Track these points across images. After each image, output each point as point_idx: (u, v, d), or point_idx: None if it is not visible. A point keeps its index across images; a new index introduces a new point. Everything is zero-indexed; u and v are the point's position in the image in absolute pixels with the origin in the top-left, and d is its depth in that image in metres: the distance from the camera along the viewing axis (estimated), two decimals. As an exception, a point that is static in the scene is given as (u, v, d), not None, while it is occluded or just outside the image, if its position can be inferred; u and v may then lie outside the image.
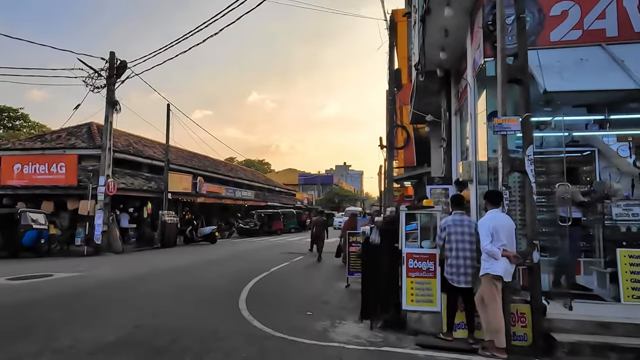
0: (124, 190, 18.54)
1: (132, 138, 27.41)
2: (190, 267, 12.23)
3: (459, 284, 5.14)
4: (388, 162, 9.34)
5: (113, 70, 16.60)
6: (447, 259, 5.26)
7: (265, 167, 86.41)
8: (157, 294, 7.98)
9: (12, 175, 18.06)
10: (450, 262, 5.20)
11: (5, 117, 47.76)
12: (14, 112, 48.02)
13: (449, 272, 5.19)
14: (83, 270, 10.86)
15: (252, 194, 36.54)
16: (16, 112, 48.07)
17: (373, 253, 6.01)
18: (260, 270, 11.08)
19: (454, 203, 5.58)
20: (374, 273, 6.00)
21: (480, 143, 6.73)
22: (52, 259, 14.59)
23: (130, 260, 14.49)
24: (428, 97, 10.44)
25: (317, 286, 9.20)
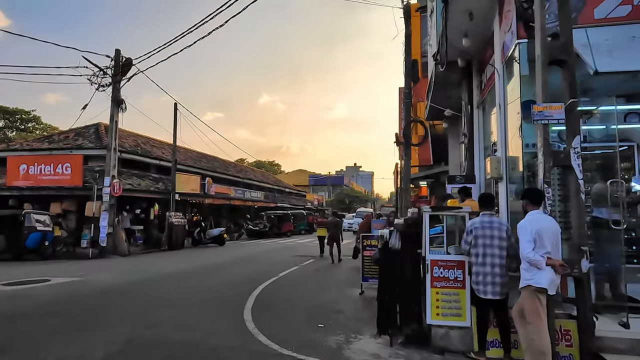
0: (130, 191, 18.12)
1: (140, 139, 27.10)
2: (196, 271, 11.68)
3: (485, 295, 4.46)
4: (404, 160, 8.68)
5: (118, 68, 16.17)
6: (473, 267, 4.58)
7: (276, 168, 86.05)
8: (155, 302, 7.41)
9: (18, 176, 17.76)
10: (476, 269, 4.53)
11: (17, 119, 48.05)
12: (26, 114, 48.29)
13: (475, 281, 4.53)
14: (83, 275, 10.36)
15: (261, 195, 36.05)
16: (28, 114, 48.33)
17: (392, 259, 5.35)
18: (268, 275, 10.47)
19: (483, 202, 4.89)
20: (394, 282, 5.33)
21: (511, 136, 6.04)
22: (55, 262, 14.17)
23: (134, 263, 14.00)
24: (447, 90, 9.75)
25: (329, 293, 8.56)
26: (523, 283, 4.03)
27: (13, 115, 47.45)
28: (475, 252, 4.55)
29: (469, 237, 4.59)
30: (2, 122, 47.30)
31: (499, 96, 6.29)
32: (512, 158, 6.07)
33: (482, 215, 4.76)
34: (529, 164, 5.51)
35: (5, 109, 48.01)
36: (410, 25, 10.36)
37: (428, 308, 5.02)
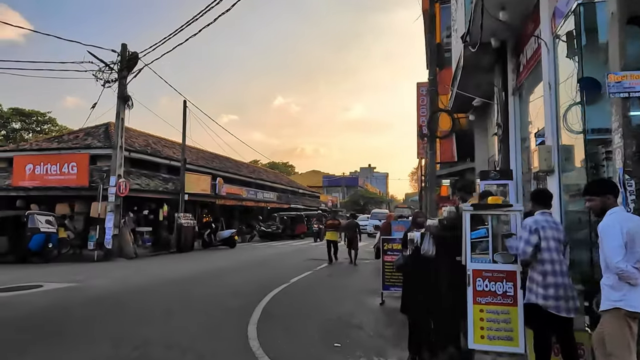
0: (138, 192, 17.49)
1: (151, 138, 26.60)
2: (201, 276, 10.88)
3: (559, 312, 3.49)
4: (429, 155, 7.75)
5: (124, 63, 15.55)
6: (541, 277, 3.60)
7: (289, 169, 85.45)
8: (151, 314, 6.60)
9: (24, 176, 17.30)
10: (548, 281, 3.54)
11: (34, 121, 48.41)
12: (42, 116, 48.62)
13: (550, 295, 3.51)
14: (80, 280, 9.65)
15: (274, 196, 35.29)
16: (44, 116, 48.65)
17: (424, 268, 4.41)
18: (279, 281, 9.60)
19: (540, 199, 3.94)
20: (427, 295, 4.40)
21: (578, 117, 5.05)
22: (58, 265, 13.56)
23: (139, 266, 13.30)
24: (477, 77, 8.74)
25: (346, 303, 7.63)
26: (608, 305, 3.04)
27: (29, 117, 47.82)
28: (546, 258, 3.57)
29: (533, 238, 3.60)
30: (19, 124, 47.72)
31: (548, 74, 5.30)
32: (566, 147, 5.08)
33: (540, 214, 3.80)
34: (589, 152, 4.52)
35: (22, 110, 48.38)
36: (434, 6, 9.38)
37: (470, 329, 4.07)
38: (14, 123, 47.16)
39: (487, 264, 4.17)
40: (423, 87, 22.29)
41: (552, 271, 3.54)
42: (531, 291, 3.64)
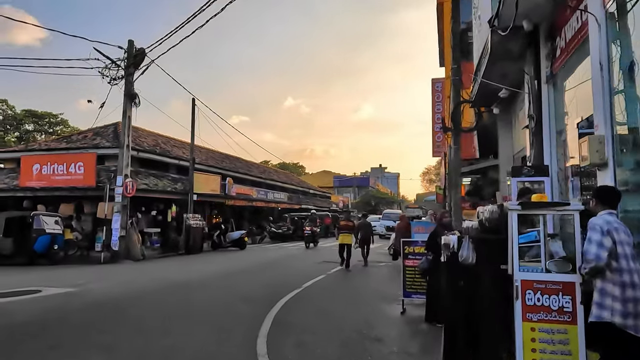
0: (145, 192, 17.09)
1: (161, 138, 26.31)
2: (209, 279, 10.34)
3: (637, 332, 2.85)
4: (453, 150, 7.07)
5: (131, 60, 15.15)
6: (620, 289, 2.93)
7: (300, 170, 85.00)
8: (150, 323, 6.06)
9: (31, 176, 17.01)
10: (627, 294, 2.88)
11: (46, 122, 48.71)
12: (54, 117, 48.89)
13: (630, 312, 2.87)
14: (81, 284, 9.17)
15: (285, 197, 34.78)
16: (56, 117, 48.91)
17: (463, 277, 3.77)
18: (291, 286, 9.01)
19: (606, 198, 3.29)
20: (466, 310, 3.76)
21: (622, 106, 4.37)
22: (63, 268, 13.18)
23: (145, 269, 12.84)
24: (504, 65, 8.02)
25: (364, 311, 7.00)
26: None
27: (42, 119, 48.13)
28: (624, 267, 2.92)
29: (606, 241, 2.94)
30: (32, 126, 48.05)
31: (600, 53, 4.60)
32: (623, 136, 4.39)
33: (607, 214, 3.15)
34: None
35: (34, 112, 48.69)
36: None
37: (519, 351, 3.43)
38: (27, 125, 47.53)
39: (539, 274, 3.51)
40: (438, 83, 21.59)
41: (630, 283, 2.89)
42: (603, 307, 2.97)
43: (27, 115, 48.19)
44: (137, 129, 24.83)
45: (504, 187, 10.08)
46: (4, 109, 46.85)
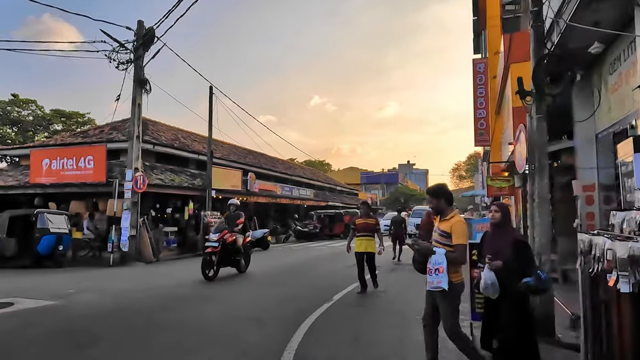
0: (159, 187, 15.71)
1: (181, 133, 25.14)
2: (217, 290, 8.68)
3: None
4: (536, 121, 5.19)
5: (140, 41, 13.76)
6: None
7: (326, 167, 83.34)
8: (126, 357, 4.43)
9: (41, 172, 15.96)
10: None
11: (74, 122, 48.96)
12: (81, 116, 49.06)
13: None
14: (69, 295, 7.72)
15: (311, 193, 33.11)
16: (83, 117, 49.07)
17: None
18: (317, 299, 7.25)
19: None
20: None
21: None
22: (66, 271, 11.93)
23: (152, 274, 11.38)
24: (599, 9, 6.00)
25: (417, 338, 5.15)
26: None
27: (69, 119, 48.38)
28: None
29: None
30: (60, 126, 48.37)
31: None
32: None
33: None
34: None
35: (62, 112, 49.01)
36: None
37: None
38: (56, 125, 47.87)
39: None
40: (480, 64, 19.33)
41: None
42: None
43: (55, 115, 48.57)
44: (156, 123, 23.76)
45: (585, 175, 8.03)
46: (33, 109, 47.31)
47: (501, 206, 4.36)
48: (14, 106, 45.68)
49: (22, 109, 46.66)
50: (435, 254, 3.75)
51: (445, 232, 3.81)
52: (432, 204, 4.06)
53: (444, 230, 3.82)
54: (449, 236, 3.79)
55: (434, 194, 4.01)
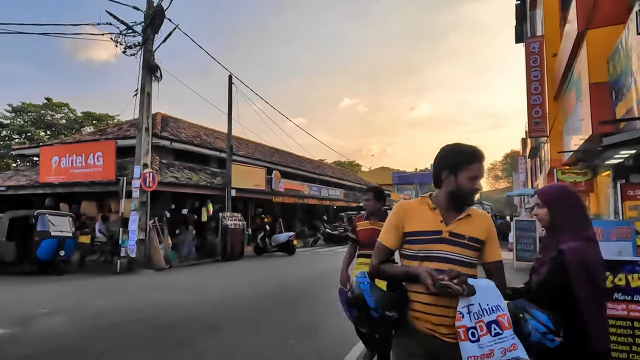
0: (173, 186, 14.25)
1: (203, 130, 23.86)
2: (225, 314, 6.95)
3: None
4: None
5: (148, 22, 12.32)
6: None
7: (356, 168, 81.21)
8: None
9: (50, 170, 14.84)
10: None
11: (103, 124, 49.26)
12: (111, 119, 49.26)
13: None
14: (36, 317, 6.16)
15: (340, 194, 31.20)
16: (113, 119, 49.25)
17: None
18: (349, 329, 5.35)
19: None
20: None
21: None
22: (63, 280, 10.58)
23: (155, 285, 9.79)
24: None
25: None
26: None
27: (100, 121, 48.69)
28: None
29: None
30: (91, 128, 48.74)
31: None
32: None
33: None
34: None
35: (93, 114, 49.38)
36: None
37: None
38: (87, 127, 48.26)
39: None
40: (534, 43, 16.84)
41: None
42: None
43: (87, 117, 49.00)
44: (177, 120, 22.57)
45: None
46: (66, 113, 47.82)
47: (548, 197, 2.26)
48: (48, 110, 46.24)
49: (55, 112, 47.22)
50: (482, 290, 1.77)
51: (479, 241, 1.97)
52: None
53: (473, 237, 1.97)
54: (481, 248, 1.99)
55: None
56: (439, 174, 2.03)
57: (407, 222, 2.00)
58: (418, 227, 1.98)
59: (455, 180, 1.97)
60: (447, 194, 2.01)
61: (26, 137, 42.91)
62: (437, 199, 2.05)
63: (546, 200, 2.23)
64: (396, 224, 2.02)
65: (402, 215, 2.03)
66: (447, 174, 1.99)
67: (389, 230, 2.04)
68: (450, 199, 2.00)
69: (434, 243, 1.94)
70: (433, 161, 2.13)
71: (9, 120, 43.30)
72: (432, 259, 1.93)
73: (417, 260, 1.95)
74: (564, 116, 13.95)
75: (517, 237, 12.26)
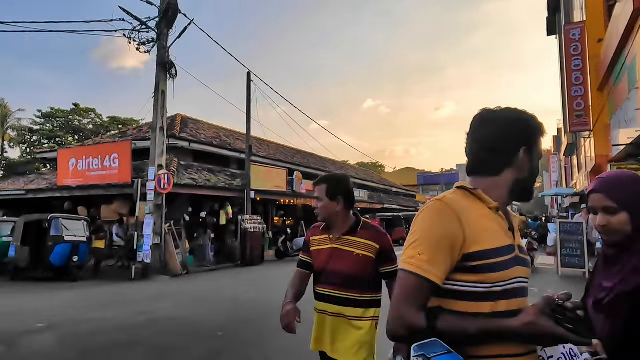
0: (189, 188, 13.70)
1: (223, 131, 23.42)
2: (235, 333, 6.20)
3: None
4: None
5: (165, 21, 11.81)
6: None
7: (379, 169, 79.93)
8: None
9: (68, 173, 14.58)
10: None
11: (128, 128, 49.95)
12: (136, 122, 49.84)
13: None
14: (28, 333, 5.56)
15: (365, 195, 30.25)
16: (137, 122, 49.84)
17: None
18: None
19: None
20: None
21: None
22: (75, 287, 10.12)
23: (168, 294, 9.18)
24: None
25: None
26: None
27: (125, 125, 49.35)
28: None
29: None
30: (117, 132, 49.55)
31: None
32: None
33: None
34: None
35: (118, 119, 50.09)
36: None
37: None
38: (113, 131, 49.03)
39: None
40: (575, 29, 15.51)
41: None
42: None
43: (112, 122, 49.75)
44: (197, 122, 22.20)
45: None
46: (92, 118, 48.64)
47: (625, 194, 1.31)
48: (75, 115, 47.09)
49: (82, 118, 48.06)
50: None
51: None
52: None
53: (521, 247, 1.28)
54: None
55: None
56: (508, 152, 1.23)
57: (471, 234, 1.14)
58: (489, 242, 1.15)
59: (530, 162, 1.24)
60: (513, 183, 1.24)
61: (55, 142, 43.74)
62: (493, 192, 1.22)
63: (624, 201, 1.31)
64: (452, 241, 1.12)
65: (456, 223, 1.14)
66: (525, 152, 1.22)
67: (438, 251, 1.12)
68: (513, 192, 1.25)
69: (513, 267, 1.17)
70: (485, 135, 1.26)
71: (39, 125, 44.32)
72: (510, 294, 1.15)
73: (489, 301, 1.13)
74: (612, 107, 12.67)
75: (561, 241, 11.08)
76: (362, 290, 2.14)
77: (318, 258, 2.27)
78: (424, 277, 1.10)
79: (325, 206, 2.20)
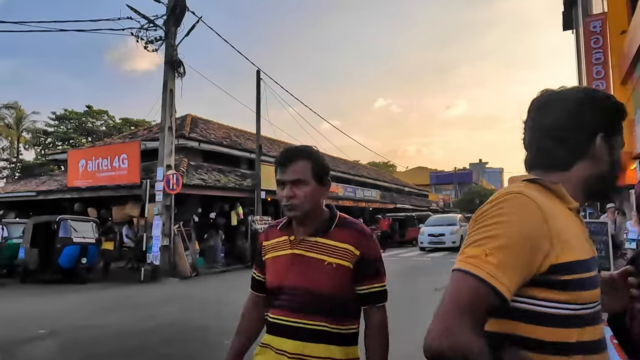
0: (199, 188, 13.51)
1: (233, 132, 23.29)
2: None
3: None
4: None
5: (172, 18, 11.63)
6: None
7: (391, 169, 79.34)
8: None
9: (77, 174, 14.52)
10: None
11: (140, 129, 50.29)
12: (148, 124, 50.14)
13: None
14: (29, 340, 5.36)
15: (377, 195, 29.84)
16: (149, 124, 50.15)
17: None
18: None
19: None
20: None
21: None
22: (83, 289, 9.98)
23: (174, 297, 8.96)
24: None
25: None
26: None
27: (137, 127, 49.69)
28: None
29: None
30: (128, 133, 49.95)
31: None
32: None
33: None
34: None
35: (130, 120, 50.43)
36: None
37: None
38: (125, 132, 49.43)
39: None
40: (596, 21, 14.92)
41: None
42: None
43: (125, 124, 50.09)
44: (207, 122, 22.08)
45: None
46: (105, 120, 49.06)
47: None
48: (88, 117, 47.51)
49: (95, 119, 48.47)
50: None
51: None
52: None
53: None
54: None
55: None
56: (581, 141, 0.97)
57: (559, 240, 0.84)
58: (579, 252, 0.87)
59: (611, 153, 0.98)
60: (587, 179, 0.98)
61: (69, 144, 44.17)
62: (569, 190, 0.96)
63: None
64: (535, 243, 0.83)
65: (543, 223, 0.84)
66: (602, 140, 0.96)
67: (514, 254, 0.81)
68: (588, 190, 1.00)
69: (598, 285, 0.92)
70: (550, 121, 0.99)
71: (53, 128, 44.80)
72: (597, 319, 0.90)
73: (577, 327, 0.85)
74: (637, 101, 12.10)
75: (584, 242, 10.60)
76: (338, 318, 1.41)
77: (273, 269, 1.50)
78: (489, 283, 0.79)
79: (313, 193, 1.42)
